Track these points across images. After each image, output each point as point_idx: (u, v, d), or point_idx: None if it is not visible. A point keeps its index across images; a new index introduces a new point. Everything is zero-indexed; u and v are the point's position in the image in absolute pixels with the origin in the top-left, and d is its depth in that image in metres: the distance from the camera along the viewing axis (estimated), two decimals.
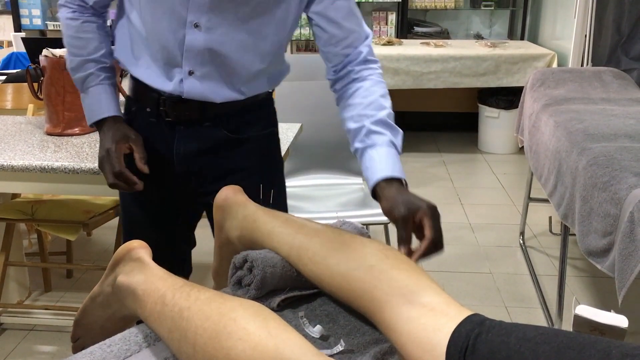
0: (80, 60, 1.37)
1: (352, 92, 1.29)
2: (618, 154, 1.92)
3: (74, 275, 2.82)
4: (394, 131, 1.25)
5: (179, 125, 1.37)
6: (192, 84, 1.30)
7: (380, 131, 1.23)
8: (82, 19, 1.36)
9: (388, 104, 1.27)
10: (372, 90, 1.28)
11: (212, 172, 1.41)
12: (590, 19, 3.50)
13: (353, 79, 1.30)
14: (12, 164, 1.78)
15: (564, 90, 2.78)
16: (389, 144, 1.22)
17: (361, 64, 1.31)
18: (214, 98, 1.32)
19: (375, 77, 1.30)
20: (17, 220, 2.32)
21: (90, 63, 1.37)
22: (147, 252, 1.05)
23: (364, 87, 1.28)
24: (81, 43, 1.37)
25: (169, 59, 1.29)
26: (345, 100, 1.30)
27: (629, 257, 1.59)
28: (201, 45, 1.26)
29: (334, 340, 0.95)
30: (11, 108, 2.77)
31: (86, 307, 1.12)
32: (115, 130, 1.35)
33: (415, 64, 4.15)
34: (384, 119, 1.24)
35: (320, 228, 1.07)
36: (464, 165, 4.39)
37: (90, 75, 1.37)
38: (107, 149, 1.33)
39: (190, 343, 0.85)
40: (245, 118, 1.40)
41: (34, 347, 2.29)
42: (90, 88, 1.38)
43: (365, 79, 1.29)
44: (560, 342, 0.73)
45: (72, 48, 1.38)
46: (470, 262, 2.95)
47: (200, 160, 1.40)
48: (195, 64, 1.28)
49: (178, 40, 1.26)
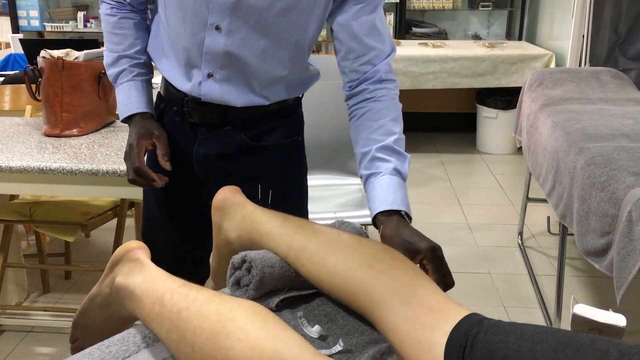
0: (115, 56, 1.39)
1: (363, 112, 1.25)
2: (616, 154, 1.92)
3: (72, 276, 2.82)
4: (400, 157, 1.20)
5: (202, 127, 1.36)
6: (210, 87, 1.29)
7: (385, 158, 1.19)
8: (120, 14, 1.38)
9: (398, 129, 1.23)
10: (383, 113, 1.23)
11: (229, 177, 1.36)
12: (588, 19, 3.50)
13: (366, 98, 1.26)
14: (10, 165, 1.77)
15: (561, 91, 2.79)
16: (392, 172, 1.18)
17: (377, 83, 1.26)
18: (233, 102, 1.30)
19: (388, 99, 1.25)
20: (15, 221, 2.32)
21: (124, 59, 1.39)
22: (145, 252, 1.05)
23: (375, 108, 1.24)
24: (117, 39, 1.39)
25: (189, 60, 1.29)
26: (355, 120, 1.27)
27: (627, 256, 1.59)
28: (221, 48, 1.24)
29: (332, 340, 0.95)
30: (9, 109, 2.76)
31: (85, 308, 1.12)
32: (140, 126, 1.36)
33: (414, 64, 4.15)
34: (390, 145, 1.20)
35: (319, 228, 1.07)
36: (462, 166, 4.40)
37: (123, 71, 1.39)
38: (130, 145, 1.34)
39: (188, 343, 0.85)
40: (267, 125, 1.37)
41: (32, 349, 2.29)
42: (123, 84, 1.40)
43: (379, 99, 1.25)
44: (559, 341, 0.74)
45: (108, 43, 1.40)
46: (468, 262, 2.95)
47: (219, 164, 1.38)
48: (215, 67, 1.26)
49: (198, 42, 1.24)
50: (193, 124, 1.36)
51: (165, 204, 1.49)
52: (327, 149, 2.71)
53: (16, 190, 2.04)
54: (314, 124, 2.70)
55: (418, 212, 3.51)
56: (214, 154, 1.37)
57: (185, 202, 1.47)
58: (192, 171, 1.40)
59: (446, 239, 3.21)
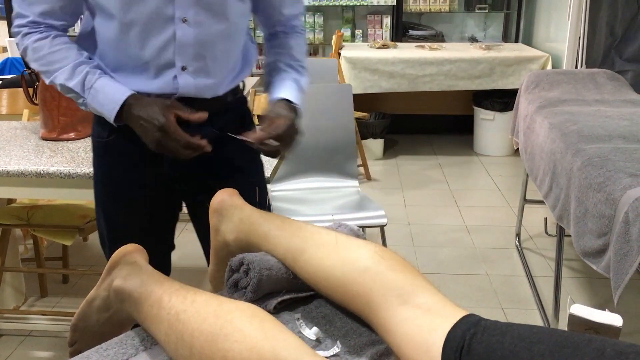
0: (70, 67, 1.29)
1: (278, 42, 1.49)
2: (612, 155, 1.93)
3: (70, 280, 2.81)
4: (299, 73, 1.45)
5: None
6: (185, 80, 1.31)
7: (288, 70, 1.44)
8: (52, 34, 1.31)
9: (302, 57, 1.49)
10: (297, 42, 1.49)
11: (202, 172, 1.42)
12: (584, 21, 3.51)
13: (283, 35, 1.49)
14: (8, 169, 1.77)
15: (558, 92, 2.79)
16: (293, 80, 1.43)
17: (291, 30, 1.49)
18: (205, 93, 1.35)
19: (297, 34, 1.50)
20: (13, 225, 2.32)
21: (81, 66, 1.30)
22: (143, 255, 1.06)
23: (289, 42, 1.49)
24: (61, 54, 1.30)
25: (159, 58, 1.29)
26: (269, 48, 1.50)
27: (624, 257, 1.60)
28: (192, 39, 1.28)
29: (330, 342, 0.95)
30: (6, 113, 2.76)
31: (83, 311, 1.12)
32: (148, 104, 1.26)
33: (411, 67, 4.16)
34: (293, 63, 1.45)
35: (316, 230, 1.07)
36: (459, 168, 4.40)
37: (87, 74, 1.29)
38: (161, 126, 1.23)
39: (187, 346, 0.85)
40: (228, 116, 1.43)
41: (30, 353, 2.29)
42: (94, 86, 1.29)
43: (291, 36, 1.49)
44: (555, 341, 0.74)
45: (53, 64, 1.29)
46: (466, 263, 2.96)
47: (191, 161, 1.38)
48: (188, 59, 1.30)
49: (168, 38, 1.27)
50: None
51: (134, 209, 1.47)
52: (324, 151, 2.71)
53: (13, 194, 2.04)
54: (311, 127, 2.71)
55: (416, 214, 3.51)
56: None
57: (153, 204, 1.47)
58: (162, 172, 1.41)
59: (444, 240, 3.21)
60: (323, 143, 2.71)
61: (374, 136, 4.49)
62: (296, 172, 2.72)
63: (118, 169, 1.43)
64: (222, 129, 1.40)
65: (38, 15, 1.30)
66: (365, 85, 4.18)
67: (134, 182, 1.42)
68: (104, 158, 1.45)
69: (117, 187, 1.45)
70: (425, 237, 3.25)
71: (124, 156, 1.41)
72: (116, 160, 1.42)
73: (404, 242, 3.19)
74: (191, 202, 1.51)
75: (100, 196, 1.49)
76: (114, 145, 1.41)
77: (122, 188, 1.44)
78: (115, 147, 1.41)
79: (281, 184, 2.69)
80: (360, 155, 4.04)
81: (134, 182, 1.42)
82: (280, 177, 2.68)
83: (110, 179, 1.45)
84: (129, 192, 1.44)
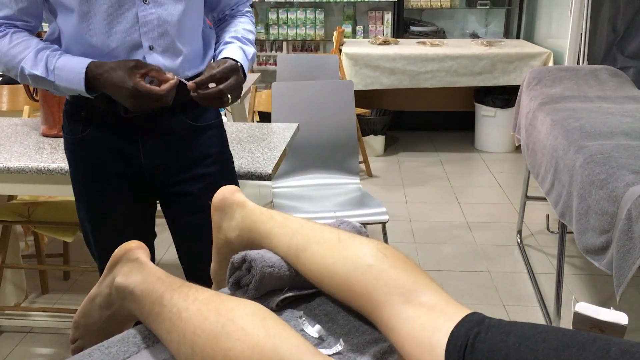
0: (32, 55, 1.30)
1: (225, 23, 1.55)
2: (615, 152, 1.92)
3: (71, 277, 2.81)
4: (244, 44, 1.48)
5: (140, 120, 1.39)
6: (155, 59, 1.35)
7: (234, 40, 1.47)
8: (12, 30, 1.32)
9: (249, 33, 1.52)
10: (240, 21, 1.55)
11: (178, 162, 1.45)
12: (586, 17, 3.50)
13: (230, 17, 1.56)
14: (8, 165, 1.77)
15: (560, 89, 2.79)
16: (238, 48, 1.45)
17: (238, 14, 1.56)
18: (176, 70, 1.38)
19: (247, 19, 1.56)
20: (14, 222, 2.31)
21: (43, 51, 1.31)
22: (144, 252, 1.05)
23: (234, 21, 1.55)
24: (23, 45, 1.31)
25: (126, 41, 1.32)
26: (218, 30, 1.55)
27: (626, 254, 1.59)
28: (154, 18, 1.33)
29: (333, 340, 0.95)
30: (7, 110, 2.76)
31: (84, 309, 1.11)
32: (112, 69, 1.26)
33: (412, 63, 4.15)
34: (239, 36, 1.49)
35: (318, 228, 1.06)
36: (461, 165, 4.40)
37: (48, 57, 1.30)
38: (131, 91, 1.25)
39: (188, 344, 0.84)
40: (200, 107, 1.44)
41: (31, 350, 2.29)
42: (56, 64, 1.30)
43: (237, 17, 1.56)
44: (560, 341, 0.73)
45: (16, 57, 1.30)
46: (467, 261, 2.95)
47: (167, 151, 1.44)
48: (154, 38, 1.34)
49: (132, 20, 1.30)
50: (128, 119, 1.38)
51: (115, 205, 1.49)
52: (325, 148, 2.71)
53: (14, 190, 2.03)
54: (312, 123, 2.71)
55: (417, 211, 3.51)
56: (160, 143, 1.42)
57: (133, 197, 1.49)
58: (139, 164, 1.43)
59: (445, 237, 3.21)
60: (324, 140, 2.71)
61: (375, 133, 4.49)
62: (297, 168, 2.71)
63: (94, 162, 1.44)
64: (195, 119, 1.45)
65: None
66: (367, 81, 4.18)
67: (111, 174, 1.44)
68: (78, 154, 1.47)
69: (94, 181, 1.47)
70: (427, 234, 3.24)
71: (99, 150, 1.43)
72: (91, 154, 1.44)
73: (405, 239, 3.19)
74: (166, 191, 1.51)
75: (79, 192, 1.51)
76: (88, 140, 1.43)
77: (100, 181, 1.46)
78: (90, 142, 1.43)
79: (282, 180, 2.68)
80: (361, 152, 4.03)
81: (111, 174, 1.44)
82: (281, 174, 2.68)
83: (86, 173, 1.47)
84: (107, 184, 1.46)
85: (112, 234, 1.47)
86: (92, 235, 1.53)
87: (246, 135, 2.06)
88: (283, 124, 2.18)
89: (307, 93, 2.74)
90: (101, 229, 1.51)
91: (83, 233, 1.56)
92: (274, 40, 5.21)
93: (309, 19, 5.07)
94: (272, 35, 5.14)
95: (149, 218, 1.58)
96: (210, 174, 1.48)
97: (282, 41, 5.22)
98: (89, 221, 1.51)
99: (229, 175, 1.56)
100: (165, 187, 1.49)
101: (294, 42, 5.24)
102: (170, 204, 1.53)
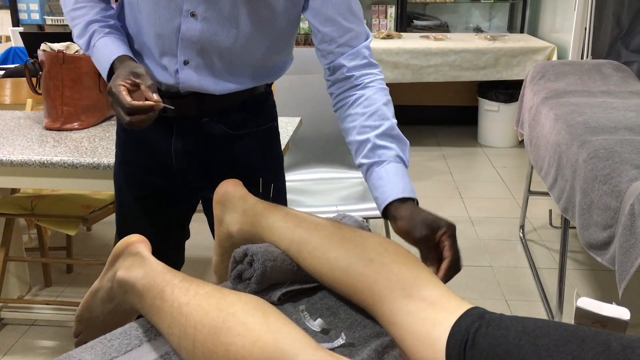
0: (83, 24, 1.31)
1: (353, 100, 1.22)
2: (618, 147, 1.91)
3: (74, 270, 2.82)
4: (400, 144, 1.19)
5: (177, 121, 1.36)
6: (187, 75, 1.28)
7: (387, 145, 1.17)
8: None
9: (391, 113, 1.21)
10: (374, 98, 1.21)
11: (210, 167, 1.40)
12: (590, 11, 3.49)
13: (354, 85, 1.23)
14: (11, 159, 1.77)
15: (564, 83, 2.78)
16: (396, 160, 1.16)
17: (362, 69, 1.23)
18: (210, 89, 1.30)
19: (377, 84, 1.23)
20: (17, 215, 2.32)
21: (93, 24, 1.31)
22: (146, 246, 1.05)
23: (365, 95, 1.21)
24: (82, 11, 1.32)
25: (163, 48, 1.27)
26: (345, 109, 1.24)
27: (629, 249, 1.59)
28: (196, 35, 1.23)
29: (334, 334, 0.95)
30: (10, 103, 2.76)
31: (87, 302, 1.12)
32: (123, 67, 1.22)
33: (415, 57, 4.14)
34: (388, 131, 1.18)
35: (320, 222, 1.06)
36: (463, 159, 4.39)
37: (94, 32, 1.30)
38: (109, 91, 1.18)
39: (189, 339, 0.85)
40: (243, 113, 1.38)
41: (34, 342, 2.30)
42: (96, 43, 1.29)
43: (367, 86, 1.22)
44: (560, 335, 0.73)
45: (74, 20, 1.33)
46: (470, 255, 2.95)
47: (199, 155, 1.39)
48: (191, 54, 1.26)
49: (174, 29, 1.24)
50: (167, 118, 1.34)
51: (143, 197, 1.48)
52: (328, 142, 2.70)
53: (17, 184, 2.04)
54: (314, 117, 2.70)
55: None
56: (192, 147, 1.38)
57: (163, 194, 1.47)
58: (171, 163, 1.40)
59: None
60: (327, 134, 2.71)
61: None
62: (300, 162, 2.71)
63: (135, 153, 1.44)
64: (233, 127, 1.38)
65: None
66: None
67: (148, 168, 1.43)
68: (125, 144, 1.46)
69: (133, 171, 1.46)
70: None
71: (139, 142, 1.42)
72: (133, 145, 1.43)
73: None
74: (203, 197, 1.50)
75: (117, 180, 1.51)
76: (129, 133, 1.42)
77: (137, 172, 1.45)
78: (131, 136, 1.43)
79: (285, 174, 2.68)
80: None
81: (148, 168, 1.43)
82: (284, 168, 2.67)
83: (127, 163, 1.47)
84: (143, 177, 1.44)
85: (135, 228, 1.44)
86: (117, 226, 1.53)
87: None
88: (286, 118, 2.18)
89: (310, 87, 2.73)
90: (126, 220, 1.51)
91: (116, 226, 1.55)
92: None
93: None
94: None
95: (179, 218, 1.54)
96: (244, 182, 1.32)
97: None
98: (118, 213, 1.52)
99: (268, 182, 1.41)
100: (196, 191, 1.47)
101: (297, 35, 5.23)
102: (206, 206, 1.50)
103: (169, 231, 1.53)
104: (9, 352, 2.23)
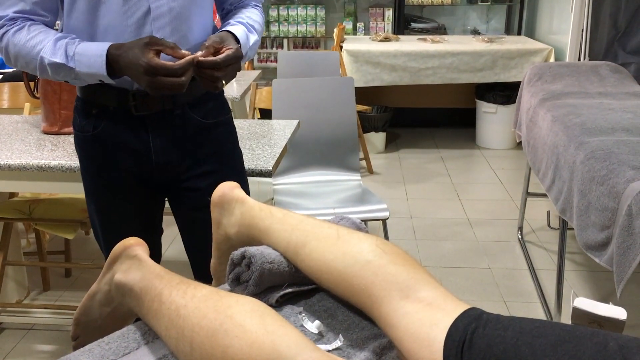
0: (51, 43, 1.28)
1: (232, 13, 1.52)
2: (616, 148, 1.92)
3: (72, 274, 2.82)
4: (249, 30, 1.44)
5: (150, 118, 1.39)
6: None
7: (238, 24, 1.43)
8: (29, 23, 1.31)
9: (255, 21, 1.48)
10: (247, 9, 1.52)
11: (188, 158, 1.45)
12: (587, 13, 3.50)
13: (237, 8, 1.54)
14: (9, 163, 1.77)
15: (561, 85, 2.78)
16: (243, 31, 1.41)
17: (247, 5, 1.54)
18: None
19: (254, 9, 1.52)
20: (15, 219, 2.32)
21: (61, 40, 1.28)
22: (143, 249, 1.05)
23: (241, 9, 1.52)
24: (41, 37, 1.29)
25: (137, 35, 1.30)
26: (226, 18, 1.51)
27: (627, 250, 1.59)
28: (166, 10, 1.32)
29: (332, 336, 0.95)
30: (8, 107, 2.76)
31: (85, 306, 1.12)
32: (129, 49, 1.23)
33: (413, 60, 4.15)
34: (244, 22, 1.44)
35: (318, 224, 1.06)
36: (461, 161, 4.40)
37: (67, 44, 1.28)
38: (146, 68, 1.20)
39: (187, 341, 0.85)
40: (208, 104, 1.46)
41: (33, 346, 2.29)
42: (76, 50, 1.27)
43: (246, 6, 1.53)
44: (557, 335, 0.73)
45: (35, 48, 1.28)
46: (468, 257, 2.95)
47: (177, 149, 1.43)
48: (165, 31, 1.33)
49: (144, 13, 1.30)
50: (140, 117, 1.38)
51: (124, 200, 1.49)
52: (325, 145, 2.71)
53: (15, 188, 2.04)
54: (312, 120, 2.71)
55: (418, 208, 3.51)
56: (170, 141, 1.42)
57: (143, 193, 1.49)
58: (149, 161, 1.43)
59: (446, 234, 3.21)
60: (325, 136, 2.71)
61: (376, 129, 4.48)
62: (298, 165, 2.71)
63: (104, 159, 1.45)
64: (205, 117, 1.45)
65: (13, 12, 1.30)
66: (367, 78, 4.17)
67: (121, 170, 1.45)
68: (89, 151, 1.47)
69: (105, 178, 1.47)
70: (427, 231, 3.24)
71: (109, 147, 1.43)
72: (102, 151, 1.44)
73: (406, 235, 3.19)
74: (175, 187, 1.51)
75: (89, 189, 1.51)
76: (99, 137, 1.42)
77: (109, 177, 1.46)
78: (101, 139, 1.43)
79: (283, 177, 2.69)
80: (362, 149, 4.03)
81: (121, 171, 1.45)
82: (282, 171, 2.68)
83: (97, 170, 1.47)
84: (116, 181, 1.46)
85: (120, 230, 1.46)
86: (100, 231, 1.53)
87: (247, 132, 2.06)
88: (283, 121, 2.18)
89: (308, 90, 2.74)
90: (109, 225, 1.52)
91: (92, 229, 1.57)
92: (275, 37, 5.20)
93: (310, 15, 5.07)
94: (272, 32, 5.14)
95: (157, 215, 1.58)
96: (218, 171, 1.48)
97: (282, 38, 5.21)
98: (98, 217, 1.52)
99: (238, 173, 1.55)
100: (174, 183, 1.49)
101: (294, 39, 5.23)
102: (178, 200, 1.53)
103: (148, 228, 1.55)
104: (7, 357, 2.22)
